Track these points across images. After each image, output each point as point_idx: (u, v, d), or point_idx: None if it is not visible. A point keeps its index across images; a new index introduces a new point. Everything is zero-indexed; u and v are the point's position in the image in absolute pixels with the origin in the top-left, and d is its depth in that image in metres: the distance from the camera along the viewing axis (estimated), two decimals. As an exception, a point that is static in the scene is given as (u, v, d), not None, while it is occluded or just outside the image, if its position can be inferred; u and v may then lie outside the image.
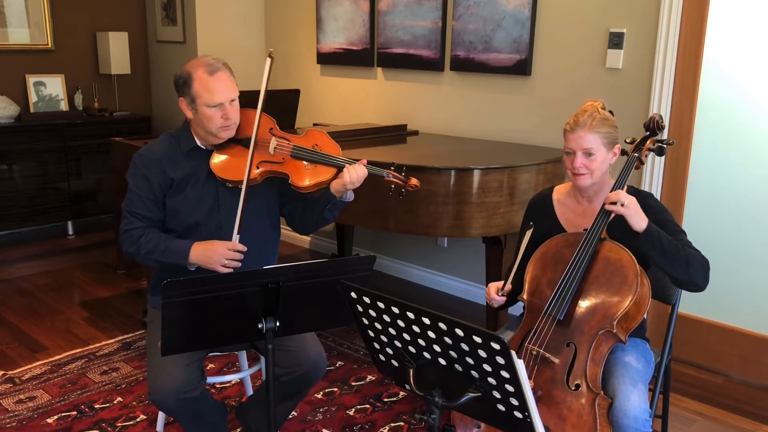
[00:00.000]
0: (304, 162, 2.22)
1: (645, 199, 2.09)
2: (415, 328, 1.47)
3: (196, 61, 2.17)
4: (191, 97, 2.14)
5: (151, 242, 2.16)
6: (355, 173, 2.18)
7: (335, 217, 2.34)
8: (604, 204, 2.01)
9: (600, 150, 2.04)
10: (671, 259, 1.96)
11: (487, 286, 2.18)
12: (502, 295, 2.09)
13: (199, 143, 2.24)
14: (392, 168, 2.30)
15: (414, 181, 2.28)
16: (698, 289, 2.04)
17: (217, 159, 2.21)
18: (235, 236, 2.13)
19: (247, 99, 2.34)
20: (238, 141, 2.23)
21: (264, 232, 2.29)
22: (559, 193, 2.24)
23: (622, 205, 1.94)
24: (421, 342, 1.49)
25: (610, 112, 2.11)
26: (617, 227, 2.04)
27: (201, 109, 2.13)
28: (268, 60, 2.20)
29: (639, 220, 1.95)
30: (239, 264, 2.11)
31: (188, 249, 2.13)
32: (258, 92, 2.20)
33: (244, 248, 2.13)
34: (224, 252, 2.10)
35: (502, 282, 2.12)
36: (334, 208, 2.27)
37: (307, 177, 2.21)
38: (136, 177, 2.22)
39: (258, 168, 2.19)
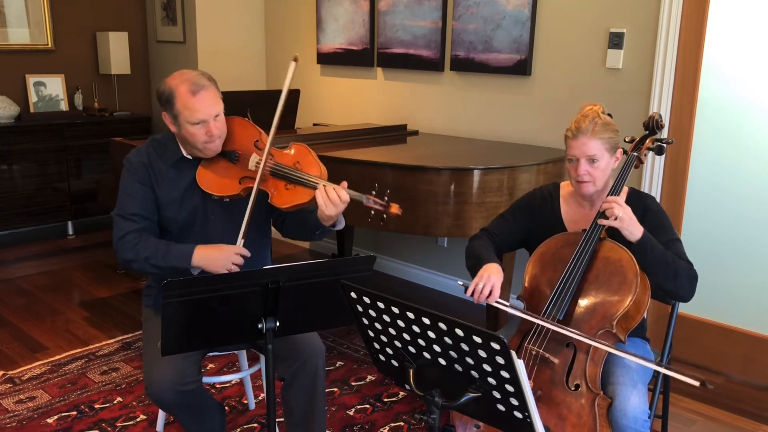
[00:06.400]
0: (285, 181, 2.14)
1: (644, 201, 2.09)
2: (415, 328, 1.47)
3: (180, 77, 2.11)
4: (173, 113, 2.11)
5: (150, 248, 2.11)
6: (327, 196, 2.02)
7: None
8: (597, 215, 2.00)
9: (603, 156, 2.02)
10: (660, 270, 1.96)
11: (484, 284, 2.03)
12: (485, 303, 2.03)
13: (185, 153, 2.21)
14: (373, 193, 2.09)
15: (395, 209, 2.07)
16: (681, 300, 2.07)
17: (203, 173, 2.17)
18: (240, 240, 2.10)
19: (247, 99, 2.34)
20: (224, 154, 2.18)
21: (254, 242, 2.22)
22: (565, 191, 2.23)
23: (616, 218, 1.94)
24: (421, 342, 1.49)
25: (609, 115, 2.10)
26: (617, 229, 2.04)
27: (184, 126, 2.10)
28: (293, 64, 2.14)
29: (633, 231, 1.95)
30: (238, 269, 2.09)
31: (191, 252, 2.09)
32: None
33: (248, 253, 2.10)
34: (231, 256, 2.07)
35: (497, 290, 2.01)
36: (324, 233, 2.22)
37: (286, 197, 2.12)
38: (126, 180, 2.19)
39: (240, 183, 2.16)
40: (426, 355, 1.51)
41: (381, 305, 1.52)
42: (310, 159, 2.17)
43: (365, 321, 1.60)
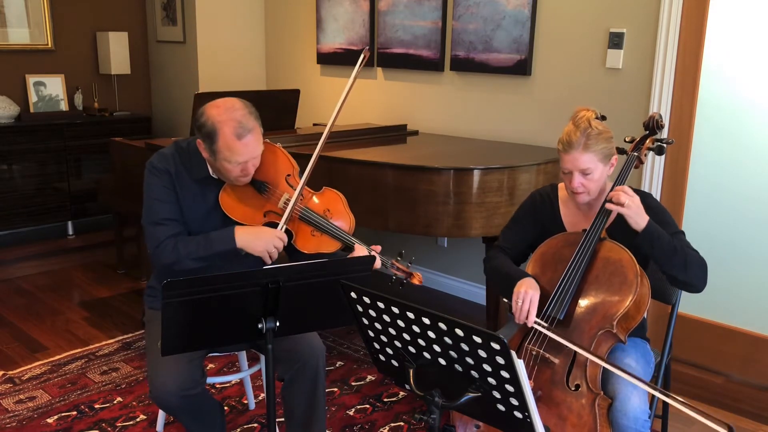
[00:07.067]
0: (312, 227, 2.12)
1: (644, 199, 2.09)
2: (415, 328, 1.47)
3: (226, 113, 2.00)
4: (212, 150, 2.03)
5: (189, 244, 2.07)
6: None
7: None
8: (604, 202, 2.01)
9: (597, 167, 2.01)
10: (669, 258, 1.96)
11: (522, 299, 1.98)
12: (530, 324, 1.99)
13: (211, 173, 2.15)
14: (398, 259, 2.14)
15: (417, 279, 2.12)
16: (696, 290, 2.04)
17: (227, 196, 2.12)
18: (282, 226, 2.07)
19: (247, 99, 2.33)
20: (252, 183, 2.13)
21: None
22: (563, 193, 2.23)
23: (623, 205, 1.94)
24: (421, 342, 1.49)
25: (603, 117, 2.08)
26: (617, 225, 2.04)
27: (220, 162, 2.04)
28: (362, 56, 2.12)
29: (639, 220, 1.95)
30: (276, 255, 2.06)
31: (232, 234, 2.04)
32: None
33: (286, 240, 2.07)
34: (273, 239, 2.04)
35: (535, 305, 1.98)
36: None
37: (310, 243, 2.11)
38: (153, 185, 2.12)
39: (264, 216, 2.13)
40: (426, 355, 1.51)
41: (381, 305, 1.52)
42: (341, 209, 2.15)
43: (365, 321, 1.60)
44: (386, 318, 1.53)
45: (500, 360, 1.35)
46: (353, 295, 1.57)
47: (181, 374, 1.99)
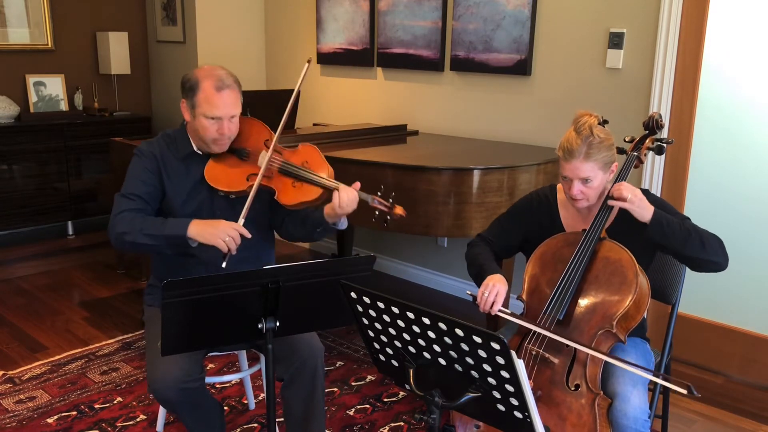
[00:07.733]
0: (292, 179, 2.20)
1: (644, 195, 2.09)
2: (415, 328, 1.47)
3: (208, 69, 2.17)
4: (192, 103, 2.16)
5: (146, 220, 2.12)
6: (346, 197, 2.12)
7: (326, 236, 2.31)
8: (606, 200, 2.01)
9: (597, 175, 2.00)
10: (685, 242, 1.94)
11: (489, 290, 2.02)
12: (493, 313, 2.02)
13: (195, 149, 2.25)
14: (379, 194, 2.21)
15: (399, 210, 2.19)
16: (720, 267, 2.00)
17: (211, 168, 2.21)
18: (241, 220, 2.10)
19: (247, 99, 2.35)
20: (234, 151, 2.23)
21: (256, 245, 2.22)
22: (562, 195, 2.22)
23: (625, 199, 1.93)
24: (421, 342, 1.49)
25: (605, 121, 2.07)
26: (618, 225, 2.04)
27: (199, 118, 2.15)
28: (306, 65, 2.23)
29: (645, 212, 1.94)
30: (235, 247, 2.05)
31: (187, 222, 2.08)
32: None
33: (247, 234, 2.08)
34: (228, 230, 2.05)
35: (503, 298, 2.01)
36: (325, 232, 2.27)
37: (292, 194, 2.17)
38: (135, 165, 2.23)
39: (248, 180, 2.19)
40: (426, 355, 1.51)
41: (381, 305, 1.52)
42: (318, 159, 2.24)
43: (365, 321, 1.60)
44: (386, 318, 1.53)
45: (500, 360, 1.35)
46: (353, 295, 1.57)
47: (181, 366, 2.00)
